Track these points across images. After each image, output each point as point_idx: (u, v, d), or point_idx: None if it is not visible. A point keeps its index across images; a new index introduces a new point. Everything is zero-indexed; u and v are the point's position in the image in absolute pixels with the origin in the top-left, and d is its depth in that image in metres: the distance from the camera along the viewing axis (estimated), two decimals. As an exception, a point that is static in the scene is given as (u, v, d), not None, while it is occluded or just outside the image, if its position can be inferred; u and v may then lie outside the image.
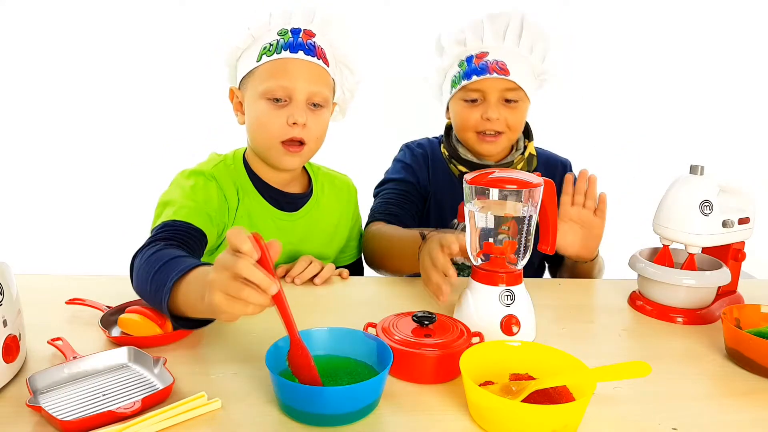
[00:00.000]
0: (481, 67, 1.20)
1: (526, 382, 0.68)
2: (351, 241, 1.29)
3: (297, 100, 1.05)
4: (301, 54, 1.06)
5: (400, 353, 0.72)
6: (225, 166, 1.13)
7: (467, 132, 1.25)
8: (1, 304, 0.67)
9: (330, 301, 1.02)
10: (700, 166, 0.97)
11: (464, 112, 1.24)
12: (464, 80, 1.22)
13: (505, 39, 1.21)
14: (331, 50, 1.11)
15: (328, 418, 0.63)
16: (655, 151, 2.43)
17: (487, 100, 1.21)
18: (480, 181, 0.82)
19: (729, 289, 1.01)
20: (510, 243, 0.83)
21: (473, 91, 1.22)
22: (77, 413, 0.64)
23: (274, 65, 1.05)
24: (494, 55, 1.20)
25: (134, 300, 0.90)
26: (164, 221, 0.95)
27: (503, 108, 1.21)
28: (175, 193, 1.03)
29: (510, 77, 1.19)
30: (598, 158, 2.40)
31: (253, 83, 1.07)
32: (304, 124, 1.05)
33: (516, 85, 1.20)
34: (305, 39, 1.07)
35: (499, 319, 0.82)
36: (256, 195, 1.13)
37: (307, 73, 1.06)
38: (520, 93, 1.21)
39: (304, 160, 1.13)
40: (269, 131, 1.06)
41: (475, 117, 1.22)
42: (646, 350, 0.87)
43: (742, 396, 0.73)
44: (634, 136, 2.46)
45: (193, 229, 0.96)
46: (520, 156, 1.30)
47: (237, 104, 1.13)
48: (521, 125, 1.27)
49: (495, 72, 1.19)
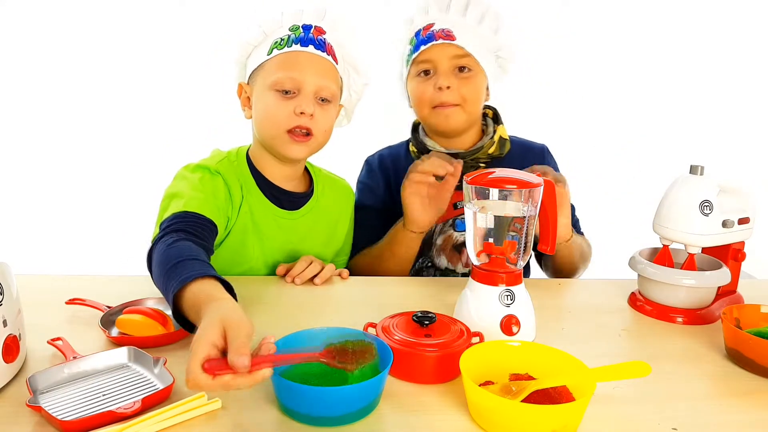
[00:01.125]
0: (427, 37, 1.19)
1: (526, 382, 0.68)
2: (346, 246, 1.29)
3: (305, 92, 1.06)
4: (311, 48, 1.06)
5: (400, 353, 0.72)
6: (229, 162, 1.13)
7: (423, 108, 1.23)
8: (1, 304, 0.67)
9: (330, 301, 1.02)
10: (700, 166, 0.97)
11: (418, 87, 1.22)
12: (414, 53, 1.21)
13: (449, 10, 1.20)
14: (340, 50, 1.12)
15: (328, 418, 0.63)
16: (655, 151, 2.43)
17: (438, 70, 1.20)
18: (480, 181, 0.82)
19: (729, 289, 1.01)
20: (510, 243, 0.83)
21: (423, 62, 1.20)
22: (77, 413, 0.64)
23: (284, 58, 1.06)
24: (440, 24, 1.19)
25: (134, 300, 0.90)
26: (175, 212, 0.95)
27: (454, 78, 1.19)
28: (181, 185, 1.03)
29: (457, 42, 1.17)
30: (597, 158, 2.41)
31: (263, 76, 1.08)
32: (312, 114, 1.05)
33: (465, 52, 1.18)
34: (316, 35, 1.08)
35: (499, 319, 0.82)
36: (258, 193, 1.13)
37: (317, 66, 1.07)
38: (471, 60, 1.19)
39: (310, 151, 1.12)
40: (276, 120, 1.06)
41: (429, 90, 1.20)
42: (646, 350, 0.87)
43: (742, 396, 0.73)
44: (634, 136, 2.46)
45: (205, 220, 0.97)
46: (490, 140, 1.27)
47: (245, 99, 1.14)
48: (477, 97, 1.23)
49: (441, 38, 1.17)
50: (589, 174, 2.38)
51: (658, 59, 2.43)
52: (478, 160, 1.26)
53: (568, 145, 1.51)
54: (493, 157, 1.27)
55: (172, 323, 0.83)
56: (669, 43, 2.41)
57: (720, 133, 2.46)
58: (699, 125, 2.46)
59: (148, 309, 0.85)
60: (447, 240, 1.26)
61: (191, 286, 0.72)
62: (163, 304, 0.90)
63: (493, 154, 1.27)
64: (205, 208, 0.98)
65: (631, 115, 2.46)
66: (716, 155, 1.84)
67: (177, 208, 0.96)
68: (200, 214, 0.96)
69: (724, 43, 2.42)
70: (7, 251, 0.93)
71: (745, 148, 2.46)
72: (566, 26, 2.33)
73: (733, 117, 2.48)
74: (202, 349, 0.59)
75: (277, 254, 1.15)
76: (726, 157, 2.24)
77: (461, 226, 1.26)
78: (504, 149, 1.29)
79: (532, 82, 2.27)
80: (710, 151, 2.20)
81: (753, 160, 2.44)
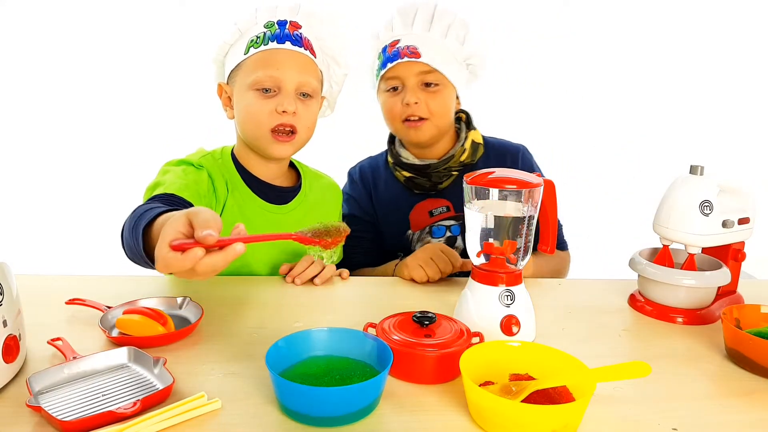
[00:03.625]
0: (393, 54, 1.21)
1: (526, 382, 0.68)
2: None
3: (286, 89, 1.06)
4: (288, 44, 1.06)
5: (400, 353, 0.72)
6: (213, 159, 1.14)
7: (394, 122, 1.26)
8: (1, 304, 0.67)
9: (330, 301, 1.02)
10: (700, 166, 0.97)
11: (388, 102, 1.25)
12: (382, 70, 1.24)
13: (414, 25, 1.22)
14: (318, 42, 1.12)
15: (328, 419, 0.63)
16: (655, 151, 2.44)
17: (405, 85, 1.22)
18: (480, 181, 0.82)
19: (729, 289, 1.01)
20: (510, 243, 0.83)
21: (391, 78, 1.23)
22: (77, 413, 0.64)
23: (262, 56, 1.06)
24: (405, 41, 1.21)
25: (134, 300, 0.90)
26: (154, 195, 0.95)
27: (422, 92, 1.21)
28: (164, 177, 1.04)
29: (422, 59, 1.19)
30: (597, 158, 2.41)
31: (242, 76, 1.08)
32: (294, 112, 1.05)
33: (430, 68, 1.20)
34: (291, 30, 1.07)
35: (499, 319, 0.82)
36: (245, 188, 1.14)
37: (295, 62, 1.07)
38: (438, 76, 1.21)
39: (294, 149, 1.13)
40: (258, 120, 1.07)
41: (397, 105, 1.23)
42: (646, 350, 0.87)
43: (742, 396, 0.73)
44: (634, 136, 2.47)
45: (184, 201, 0.96)
46: (461, 147, 1.28)
47: (226, 99, 1.14)
48: (446, 110, 1.25)
49: (406, 56, 1.20)
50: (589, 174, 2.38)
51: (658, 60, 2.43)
52: (450, 169, 1.27)
53: (568, 145, 1.51)
54: (465, 165, 1.28)
55: (172, 323, 0.82)
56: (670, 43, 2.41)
57: (720, 133, 2.46)
58: (699, 125, 2.46)
59: (148, 309, 0.84)
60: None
61: (158, 219, 0.73)
62: (164, 304, 0.90)
63: (465, 162, 1.28)
64: (185, 192, 0.98)
65: (631, 115, 2.46)
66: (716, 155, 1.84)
67: (158, 192, 0.96)
68: (179, 196, 0.96)
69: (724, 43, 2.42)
70: (7, 251, 0.93)
71: (745, 148, 2.47)
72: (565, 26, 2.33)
73: (733, 117, 2.48)
74: (169, 233, 0.59)
75: (272, 250, 1.15)
76: (726, 157, 2.24)
77: (437, 232, 1.29)
78: (476, 155, 1.30)
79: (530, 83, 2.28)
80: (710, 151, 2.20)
81: (753, 160, 2.44)
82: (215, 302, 0.95)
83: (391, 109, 1.24)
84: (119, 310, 0.87)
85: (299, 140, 1.10)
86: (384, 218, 1.34)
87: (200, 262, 0.59)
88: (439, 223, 1.29)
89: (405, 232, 1.32)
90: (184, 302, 0.91)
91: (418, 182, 1.29)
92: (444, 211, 1.30)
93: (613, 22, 2.36)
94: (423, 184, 1.29)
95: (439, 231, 1.29)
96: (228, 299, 0.98)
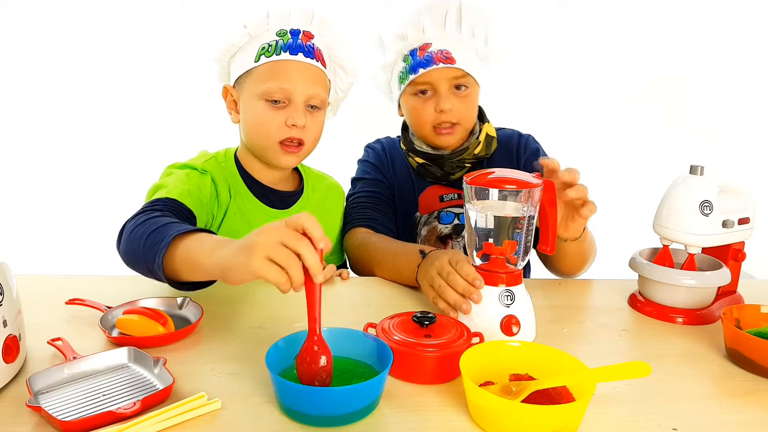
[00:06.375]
0: (426, 59, 1.18)
1: (526, 382, 0.68)
2: (338, 244, 1.28)
3: (296, 102, 1.05)
4: (301, 56, 1.05)
5: (400, 353, 0.72)
6: (217, 163, 1.13)
7: (424, 128, 1.23)
8: (1, 304, 0.67)
9: (330, 301, 1.02)
10: (700, 166, 0.97)
11: (417, 107, 1.22)
12: (411, 74, 1.20)
13: (446, 27, 1.19)
14: (327, 51, 1.11)
15: (328, 419, 0.63)
16: (655, 151, 2.44)
17: (437, 91, 1.19)
18: (480, 181, 0.82)
19: (729, 290, 1.01)
20: (510, 243, 0.83)
21: (422, 84, 1.20)
22: (77, 413, 0.64)
23: (274, 66, 1.05)
24: (437, 45, 1.18)
25: (134, 300, 0.90)
26: (155, 198, 0.96)
27: (455, 98, 1.20)
28: (167, 180, 1.04)
29: (457, 65, 1.17)
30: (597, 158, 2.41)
31: (251, 83, 1.07)
32: (304, 126, 1.05)
33: (464, 72, 1.18)
34: (305, 41, 1.06)
35: (499, 320, 0.82)
36: (248, 193, 1.13)
37: (307, 75, 1.06)
38: (469, 79, 1.20)
39: (300, 159, 1.13)
40: (267, 132, 1.06)
41: (429, 111, 1.20)
42: (646, 350, 0.87)
43: (742, 396, 0.73)
44: (634, 136, 2.47)
45: (185, 208, 0.97)
46: (476, 140, 1.27)
47: (231, 102, 1.12)
48: (474, 113, 1.25)
49: (441, 62, 1.17)
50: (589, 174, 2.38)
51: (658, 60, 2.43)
52: (464, 161, 1.26)
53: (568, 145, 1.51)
54: (479, 157, 1.27)
55: (172, 323, 0.82)
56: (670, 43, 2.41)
57: (720, 133, 2.46)
58: (699, 125, 2.46)
59: (148, 309, 0.84)
60: (431, 231, 1.27)
61: (192, 235, 0.75)
62: (164, 305, 0.90)
63: (479, 155, 1.27)
64: (187, 199, 0.98)
65: (631, 115, 2.46)
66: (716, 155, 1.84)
67: (159, 196, 0.97)
68: (181, 202, 0.96)
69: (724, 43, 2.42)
70: (7, 251, 0.93)
71: (745, 148, 2.47)
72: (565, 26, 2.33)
73: (733, 117, 2.48)
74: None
75: None
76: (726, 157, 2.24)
77: (446, 219, 1.27)
78: (491, 148, 1.29)
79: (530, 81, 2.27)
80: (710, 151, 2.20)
81: (753, 160, 2.44)
82: (215, 302, 0.95)
83: (422, 115, 1.21)
84: (119, 310, 0.87)
85: (306, 151, 1.10)
86: (398, 191, 1.32)
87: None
88: (449, 209, 1.28)
89: (413, 213, 1.30)
90: (184, 302, 0.91)
91: (430, 170, 1.27)
92: (455, 198, 1.28)
93: (613, 22, 2.36)
94: (435, 172, 1.27)
95: (447, 217, 1.27)
96: (228, 299, 0.98)
